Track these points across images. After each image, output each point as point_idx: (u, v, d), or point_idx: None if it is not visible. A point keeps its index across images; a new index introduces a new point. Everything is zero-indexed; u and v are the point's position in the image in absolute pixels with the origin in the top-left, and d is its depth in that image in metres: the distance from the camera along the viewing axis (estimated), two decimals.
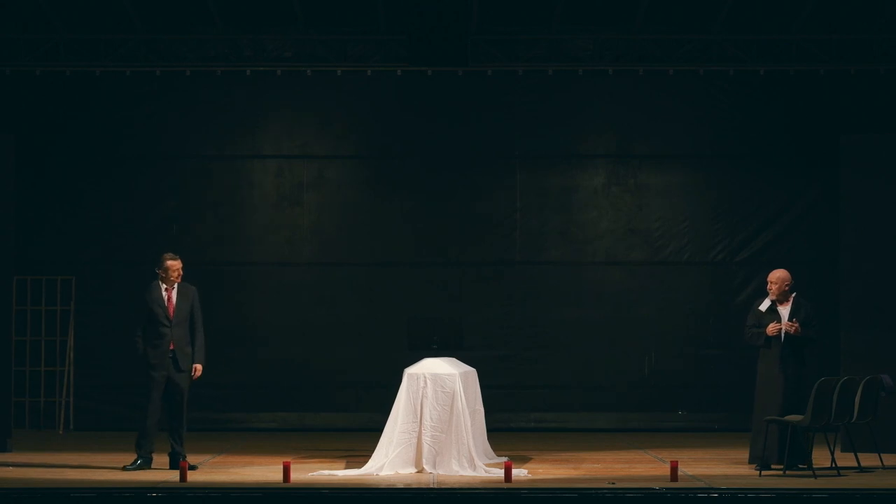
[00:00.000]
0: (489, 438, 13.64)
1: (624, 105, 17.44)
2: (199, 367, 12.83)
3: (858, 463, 12.66)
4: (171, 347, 12.68)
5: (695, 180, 17.53)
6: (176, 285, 12.85)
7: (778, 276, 12.95)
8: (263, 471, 12.64)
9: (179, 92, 17.28)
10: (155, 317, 12.69)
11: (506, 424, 16.65)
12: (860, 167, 14.67)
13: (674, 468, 11.82)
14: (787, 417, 12.34)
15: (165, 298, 12.77)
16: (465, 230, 17.45)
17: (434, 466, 12.54)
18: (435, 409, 12.66)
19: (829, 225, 16.63)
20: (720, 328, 17.09)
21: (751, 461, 12.86)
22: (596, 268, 17.51)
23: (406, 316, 16.47)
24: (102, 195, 17.22)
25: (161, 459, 12.74)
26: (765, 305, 12.92)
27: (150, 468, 12.61)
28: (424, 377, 12.75)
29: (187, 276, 17.14)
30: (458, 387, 12.73)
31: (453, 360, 13.38)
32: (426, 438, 12.61)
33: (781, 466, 12.36)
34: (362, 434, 14.93)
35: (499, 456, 13.47)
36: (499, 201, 17.47)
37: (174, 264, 12.85)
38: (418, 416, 12.67)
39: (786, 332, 12.73)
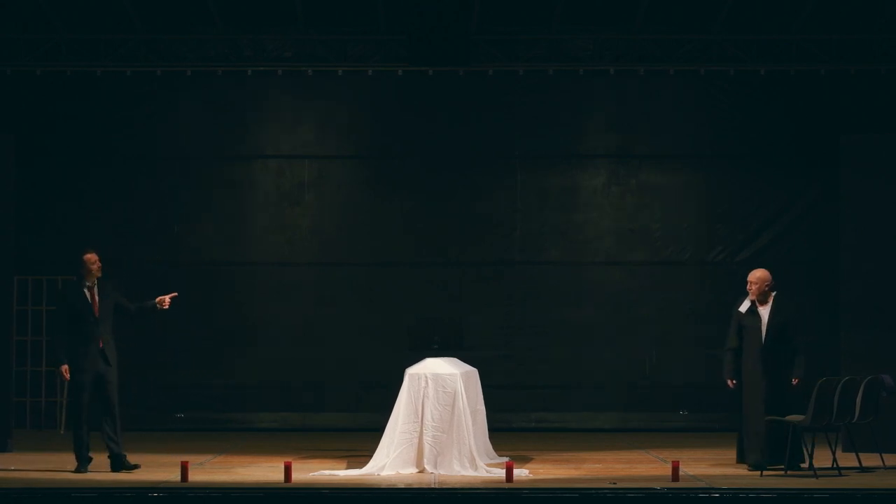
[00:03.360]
0: (490, 438, 13.64)
1: (624, 105, 17.45)
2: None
3: (860, 463, 12.67)
4: (101, 345, 12.58)
5: (695, 180, 17.53)
6: (97, 282, 12.72)
7: (757, 276, 12.91)
8: (264, 471, 12.64)
9: (180, 92, 17.29)
10: (80, 316, 12.54)
11: (507, 424, 16.64)
12: (860, 167, 14.67)
13: (675, 468, 11.83)
14: (789, 417, 12.34)
15: (89, 296, 12.63)
16: (465, 230, 17.45)
17: (435, 466, 12.53)
18: (436, 409, 12.66)
19: (829, 225, 16.62)
20: (721, 328, 17.00)
21: (738, 461, 12.88)
22: (596, 268, 17.51)
23: (406, 316, 16.52)
24: (103, 195, 17.22)
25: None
26: (745, 306, 12.89)
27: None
28: (426, 377, 12.75)
29: (189, 276, 17.27)
30: (460, 387, 12.73)
31: (454, 359, 13.38)
32: (427, 438, 12.61)
33: (780, 467, 12.40)
34: (363, 434, 14.92)
35: (500, 456, 13.47)
36: (499, 201, 17.48)
37: (91, 257, 12.64)
38: (419, 416, 12.67)
39: (767, 331, 12.68)
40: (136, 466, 12.57)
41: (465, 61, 16.66)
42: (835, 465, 12.50)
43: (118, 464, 12.59)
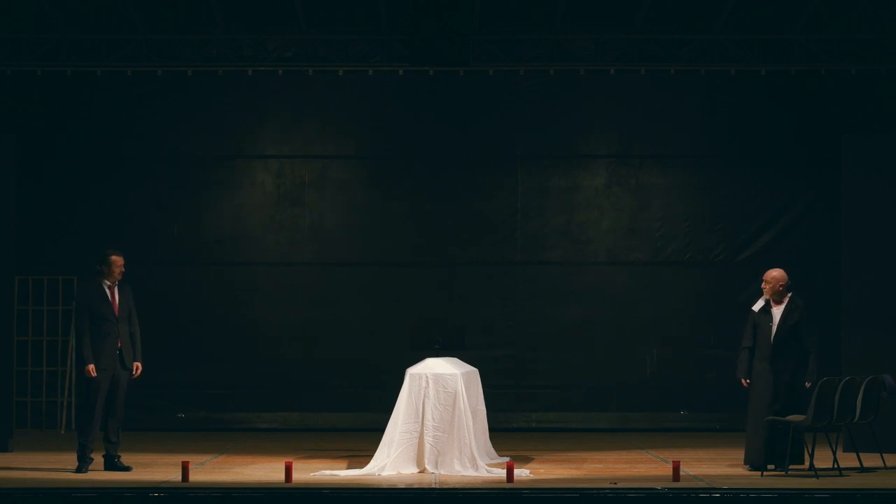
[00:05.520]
0: (491, 438, 13.64)
1: (625, 105, 17.45)
2: (139, 365, 12.77)
3: (860, 463, 12.67)
4: (119, 345, 12.62)
5: (696, 180, 17.53)
6: (117, 282, 12.73)
7: (773, 275, 12.88)
8: (265, 471, 12.65)
9: (181, 92, 17.28)
10: (100, 315, 12.55)
11: (507, 424, 16.66)
12: (861, 167, 14.66)
13: (675, 468, 11.83)
14: (790, 417, 12.34)
15: (109, 295, 12.66)
16: (466, 230, 17.45)
17: (436, 466, 12.54)
18: (437, 409, 12.67)
19: (829, 225, 16.64)
20: (721, 328, 17.07)
21: (745, 461, 12.87)
22: (597, 268, 17.51)
23: (407, 316, 16.53)
24: (104, 195, 17.23)
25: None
26: (758, 305, 12.87)
27: None
28: (426, 377, 12.75)
29: (190, 276, 17.29)
30: (460, 387, 12.73)
31: (455, 360, 13.38)
32: (428, 438, 12.61)
33: (772, 467, 12.40)
34: (364, 434, 14.94)
35: (501, 456, 13.48)
36: (500, 201, 17.48)
37: (119, 260, 12.67)
38: (420, 416, 12.67)
39: (777, 332, 12.67)
40: (128, 468, 12.59)
41: (466, 61, 16.65)
42: (835, 465, 12.50)
43: (111, 464, 12.60)
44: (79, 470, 12.48)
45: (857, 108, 17.08)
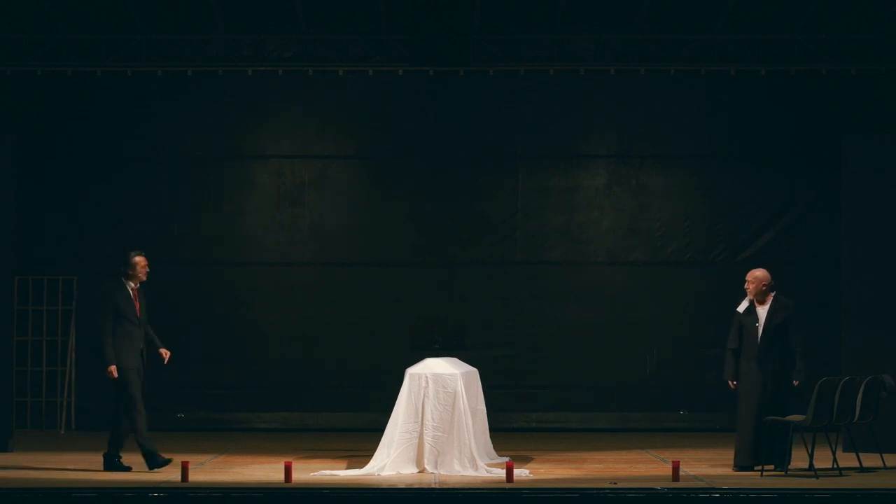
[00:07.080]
0: (490, 438, 13.64)
1: (625, 105, 17.45)
2: (167, 351, 12.84)
3: (860, 463, 12.67)
4: (141, 346, 12.65)
5: (696, 180, 17.53)
6: (139, 285, 12.77)
7: (755, 275, 12.88)
8: (265, 471, 12.65)
9: (181, 92, 17.28)
10: (124, 316, 12.58)
11: (507, 424, 16.66)
12: (861, 167, 14.66)
13: (675, 468, 11.83)
14: (790, 417, 12.34)
15: (133, 297, 12.69)
16: (466, 230, 17.45)
17: (436, 466, 12.54)
18: (436, 409, 12.67)
19: (829, 225, 16.63)
20: (721, 328, 16.98)
21: (734, 464, 12.83)
22: (597, 268, 17.51)
23: (407, 316, 16.52)
24: (104, 195, 17.23)
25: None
26: (743, 306, 12.87)
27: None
28: (426, 377, 12.75)
29: (189, 276, 17.29)
30: (460, 387, 12.73)
31: (455, 360, 13.39)
32: (428, 438, 12.61)
33: (770, 467, 12.39)
34: (364, 434, 14.94)
35: (500, 456, 13.48)
36: (500, 201, 17.48)
37: (142, 260, 12.76)
38: (420, 416, 12.67)
39: (763, 331, 12.66)
40: (128, 468, 12.58)
41: (466, 61, 16.65)
42: (835, 465, 12.50)
43: (111, 464, 12.59)
44: (156, 465, 12.44)
45: (857, 108, 17.08)
